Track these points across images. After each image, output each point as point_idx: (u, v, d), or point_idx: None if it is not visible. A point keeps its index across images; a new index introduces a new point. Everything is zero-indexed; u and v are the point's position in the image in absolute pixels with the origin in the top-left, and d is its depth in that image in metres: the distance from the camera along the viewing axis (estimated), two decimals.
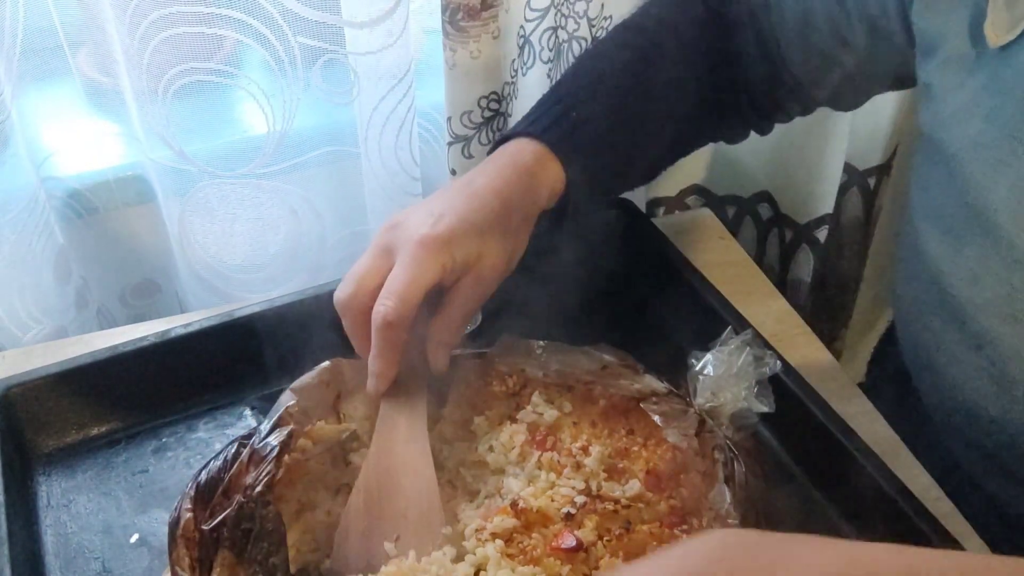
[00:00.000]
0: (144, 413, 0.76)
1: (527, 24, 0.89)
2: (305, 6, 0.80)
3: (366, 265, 0.63)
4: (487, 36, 0.86)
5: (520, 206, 0.67)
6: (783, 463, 0.73)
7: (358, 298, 0.62)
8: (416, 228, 0.61)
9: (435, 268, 0.61)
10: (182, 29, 0.79)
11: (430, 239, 0.61)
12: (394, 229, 0.63)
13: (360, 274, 0.62)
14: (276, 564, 0.57)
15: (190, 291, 0.97)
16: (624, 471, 0.63)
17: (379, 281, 0.61)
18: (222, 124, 0.88)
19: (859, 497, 0.68)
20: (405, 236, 0.61)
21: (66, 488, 0.72)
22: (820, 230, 1.15)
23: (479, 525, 0.59)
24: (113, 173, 0.93)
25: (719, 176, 1.17)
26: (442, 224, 0.62)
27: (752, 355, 0.65)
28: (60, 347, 0.82)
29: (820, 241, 1.16)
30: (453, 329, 0.64)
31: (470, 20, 0.85)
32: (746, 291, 0.88)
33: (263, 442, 0.59)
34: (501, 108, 0.92)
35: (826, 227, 1.15)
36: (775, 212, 1.17)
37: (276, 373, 0.71)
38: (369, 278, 0.62)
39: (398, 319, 0.59)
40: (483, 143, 0.93)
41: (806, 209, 1.14)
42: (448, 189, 0.67)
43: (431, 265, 0.60)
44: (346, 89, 0.87)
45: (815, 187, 1.12)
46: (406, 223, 0.63)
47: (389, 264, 0.62)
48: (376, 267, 0.62)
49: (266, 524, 0.57)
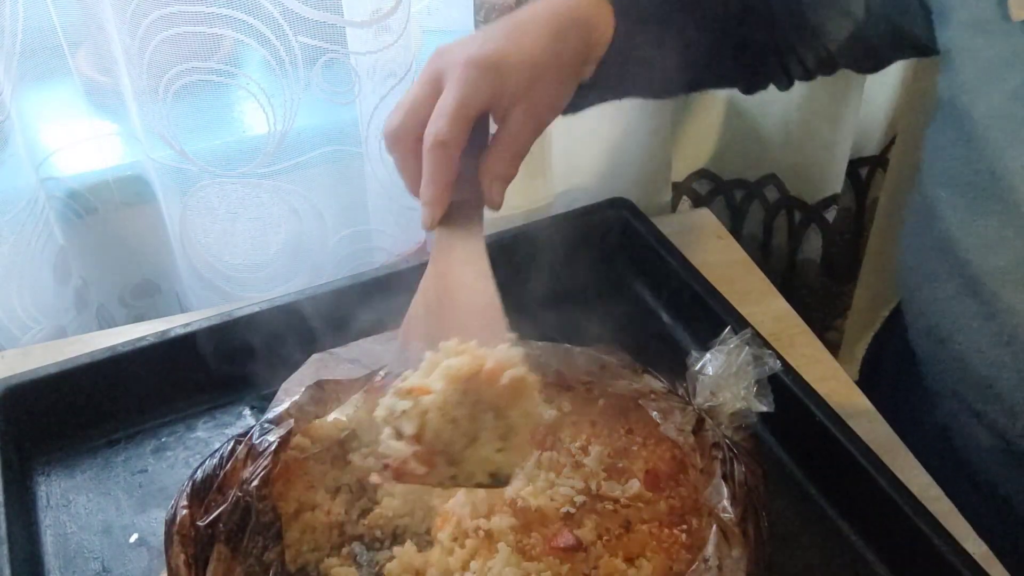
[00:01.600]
0: (143, 413, 0.76)
1: None
2: (306, 5, 0.80)
3: (414, 94, 0.60)
4: None
5: (574, 48, 0.64)
6: (782, 462, 0.73)
7: (407, 127, 0.60)
8: (464, 50, 0.59)
9: (485, 88, 0.59)
10: (182, 29, 0.79)
11: (480, 58, 0.59)
12: (441, 56, 0.60)
13: (408, 103, 0.60)
14: (272, 559, 0.57)
15: (190, 291, 0.97)
16: (623, 470, 0.63)
17: (428, 110, 0.59)
18: (222, 124, 0.88)
19: (858, 496, 0.68)
20: (452, 59, 0.59)
21: (65, 488, 0.72)
22: (829, 210, 1.15)
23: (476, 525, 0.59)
24: (113, 173, 0.93)
25: (726, 161, 1.17)
26: (491, 46, 0.60)
27: (751, 354, 0.65)
28: (60, 347, 0.82)
29: (829, 221, 1.16)
30: (507, 160, 0.61)
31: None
32: (745, 291, 0.88)
33: (260, 438, 0.60)
34: None
35: (835, 207, 1.15)
36: (782, 194, 1.17)
37: (275, 373, 0.71)
38: (418, 106, 0.60)
39: (450, 138, 0.57)
40: None
41: (815, 190, 1.14)
42: (498, 23, 0.64)
43: (481, 85, 0.58)
44: (347, 89, 0.87)
45: (824, 168, 1.11)
46: (453, 48, 0.60)
47: (438, 92, 0.59)
48: (424, 95, 0.60)
49: (262, 518, 0.57)
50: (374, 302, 0.78)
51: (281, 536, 0.58)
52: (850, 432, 0.69)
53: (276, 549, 0.57)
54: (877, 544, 0.67)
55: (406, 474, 0.51)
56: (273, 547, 0.57)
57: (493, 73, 0.59)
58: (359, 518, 0.65)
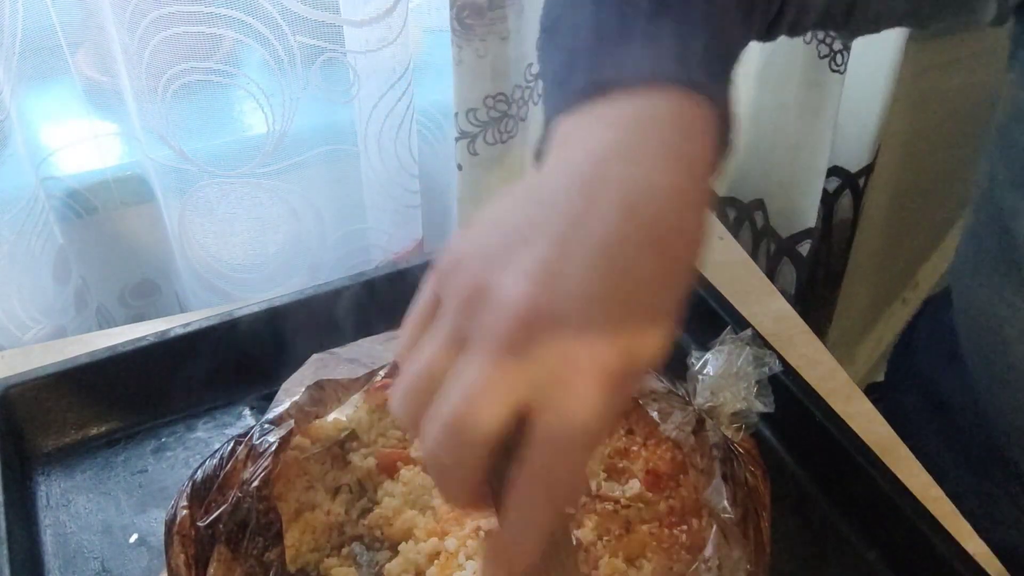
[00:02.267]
0: (143, 413, 0.76)
1: None
2: (304, 5, 0.80)
3: (490, 399, 0.36)
4: (494, 36, 0.86)
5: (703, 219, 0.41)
6: (782, 463, 0.73)
7: (481, 456, 0.37)
8: (594, 357, 0.36)
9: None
10: (181, 28, 0.79)
11: (623, 377, 0.37)
12: (537, 333, 0.36)
13: (484, 421, 0.36)
14: (272, 559, 0.57)
15: (190, 291, 0.97)
16: (624, 471, 0.63)
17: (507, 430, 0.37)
18: (222, 123, 0.88)
19: (858, 496, 0.68)
20: (573, 367, 0.36)
21: (65, 488, 0.72)
22: (803, 244, 1.15)
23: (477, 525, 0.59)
24: (113, 173, 0.92)
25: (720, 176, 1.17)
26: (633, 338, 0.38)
27: (752, 355, 0.65)
28: (59, 347, 0.82)
29: (802, 255, 1.16)
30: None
31: (476, 19, 0.85)
32: (746, 291, 0.87)
33: (261, 438, 0.59)
34: (510, 111, 0.92)
35: (808, 241, 1.15)
36: (766, 221, 1.18)
37: (275, 373, 0.71)
38: (498, 424, 0.37)
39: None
40: (488, 142, 0.93)
41: (789, 223, 1.15)
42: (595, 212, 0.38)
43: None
44: (345, 88, 0.87)
45: (798, 200, 1.12)
46: (561, 330, 0.36)
47: (526, 396, 0.36)
48: (511, 405, 0.37)
49: (262, 519, 0.57)
50: (373, 301, 0.78)
51: (281, 537, 0.58)
52: (850, 432, 0.69)
53: (276, 550, 0.57)
54: (877, 544, 0.67)
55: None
56: (273, 548, 0.57)
57: (633, 377, 0.38)
58: (359, 518, 0.65)
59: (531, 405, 0.36)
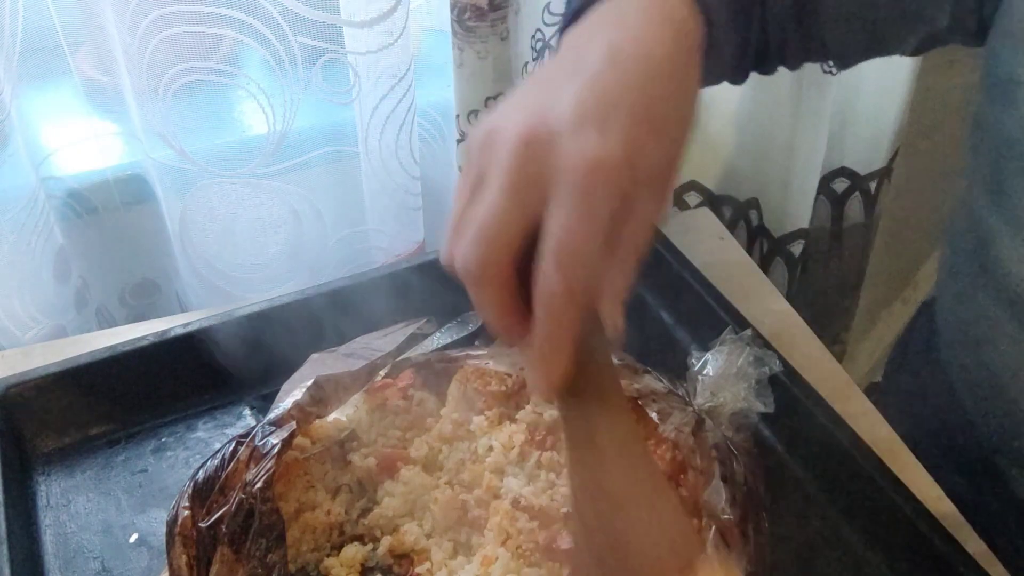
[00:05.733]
0: (143, 413, 0.76)
1: (546, 28, 0.89)
2: (305, 6, 0.80)
3: (502, 208, 0.41)
4: (495, 37, 0.86)
5: (690, 76, 0.48)
6: (782, 463, 0.73)
7: (498, 261, 0.41)
8: (580, 148, 0.41)
9: (616, 200, 0.42)
10: (182, 28, 0.79)
11: (610, 168, 0.41)
12: (534, 146, 0.42)
13: (493, 225, 0.41)
14: (275, 561, 0.57)
15: (190, 291, 0.97)
16: None
17: (522, 232, 0.42)
18: (222, 124, 0.88)
19: (858, 496, 0.68)
20: (564, 163, 0.41)
21: (65, 488, 0.72)
22: (795, 244, 1.15)
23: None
24: (113, 173, 0.93)
25: (715, 175, 1.17)
26: (617, 134, 0.42)
27: (752, 355, 0.65)
28: (59, 347, 0.82)
29: (795, 255, 1.16)
30: (629, 270, 0.44)
31: (478, 20, 0.85)
32: (746, 291, 0.87)
33: (263, 440, 0.60)
34: None
35: (801, 242, 1.15)
36: (760, 221, 1.18)
37: (276, 373, 0.71)
38: (510, 230, 0.42)
39: (584, 285, 0.41)
40: None
41: (782, 222, 1.15)
42: (585, 58, 0.45)
43: (613, 199, 0.41)
44: (346, 89, 0.87)
45: (792, 200, 1.12)
46: (554, 138, 0.42)
47: (532, 205, 0.41)
48: (516, 212, 0.42)
49: (265, 520, 0.57)
50: (373, 302, 0.78)
51: (284, 538, 0.58)
52: (850, 432, 0.69)
53: (279, 552, 0.57)
54: (877, 544, 0.67)
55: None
56: (276, 549, 0.57)
57: (628, 175, 0.42)
58: (359, 518, 0.65)
59: (542, 210, 0.41)
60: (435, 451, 0.67)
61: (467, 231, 0.42)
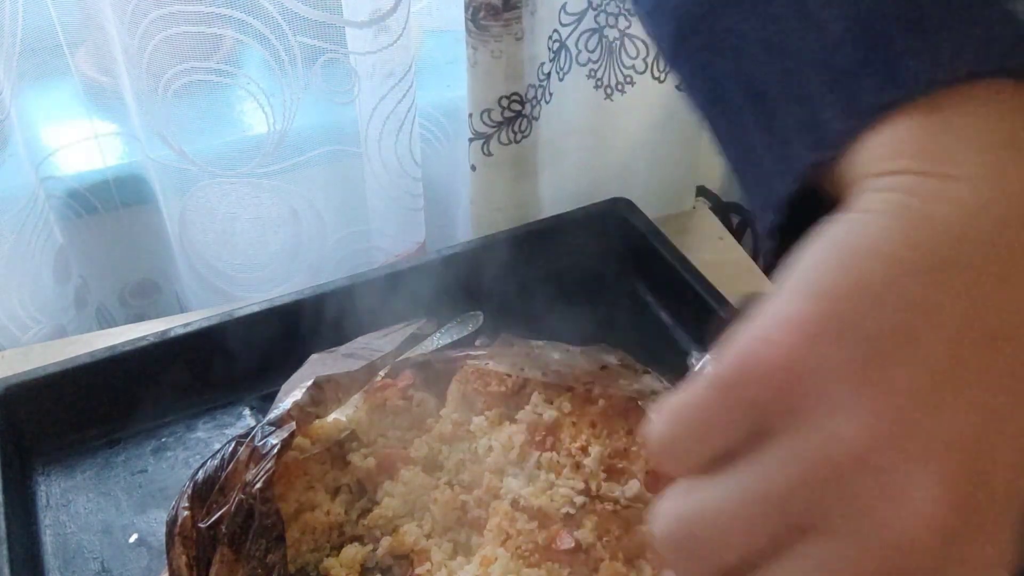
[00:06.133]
0: (143, 413, 0.76)
1: (563, 28, 0.89)
2: (305, 5, 0.80)
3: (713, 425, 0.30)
4: (509, 37, 0.86)
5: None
6: None
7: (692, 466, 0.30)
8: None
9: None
10: (182, 28, 0.79)
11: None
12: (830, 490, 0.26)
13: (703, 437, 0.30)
14: (274, 561, 0.57)
15: (190, 291, 0.97)
16: (623, 471, 0.63)
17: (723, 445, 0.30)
18: (222, 123, 0.88)
19: None
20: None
21: (65, 488, 0.72)
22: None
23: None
24: (113, 173, 0.93)
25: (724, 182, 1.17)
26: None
27: None
28: (59, 347, 0.82)
29: None
30: None
31: (492, 20, 0.85)
32: (746, 291, 0.87)
33: (263, 440, 0.60)
34: (524, 110, 0.92)
35: None
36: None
37: (275, 373, 0.71)
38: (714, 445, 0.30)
39: None
40: (503, 142, 0.92)
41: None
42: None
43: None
44: (347, 89, 0.87)
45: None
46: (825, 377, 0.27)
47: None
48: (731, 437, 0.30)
49: (265, 521, 0.57)
50: (373, 302, 0.78)
51: (283, 539, 0.58)
52: None
53: (279, 552, 0.58)
54: None
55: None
56: (275, 550, 0.57)
57: None
58: (359, 518, 0.65)
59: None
60: (435, 451, 0.67)
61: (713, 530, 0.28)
